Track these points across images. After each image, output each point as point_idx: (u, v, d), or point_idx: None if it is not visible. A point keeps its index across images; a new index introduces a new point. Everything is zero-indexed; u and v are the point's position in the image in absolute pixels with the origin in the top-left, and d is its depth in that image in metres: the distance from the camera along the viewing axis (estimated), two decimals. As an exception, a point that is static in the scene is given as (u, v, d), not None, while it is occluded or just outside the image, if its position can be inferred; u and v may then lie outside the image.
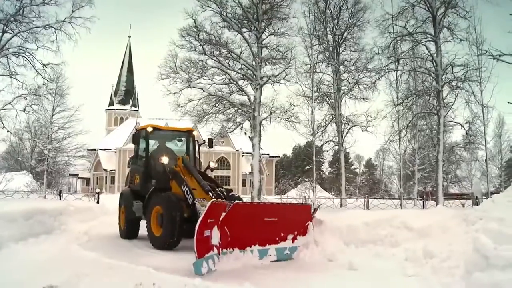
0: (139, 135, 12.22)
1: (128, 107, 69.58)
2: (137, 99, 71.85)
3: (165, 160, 10.66)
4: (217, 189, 10.14)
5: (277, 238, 8.38)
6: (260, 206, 9.34)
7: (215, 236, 7.08)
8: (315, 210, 9.61)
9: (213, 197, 9.09)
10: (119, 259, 7.72)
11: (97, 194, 25.20)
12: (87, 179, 63.29)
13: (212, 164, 11.90)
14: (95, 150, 59.20)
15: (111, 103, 70.03)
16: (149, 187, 11.05)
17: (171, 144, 13.06)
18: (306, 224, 8.94)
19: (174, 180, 10.48)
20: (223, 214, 7.31)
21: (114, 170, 56.90)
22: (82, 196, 32.71)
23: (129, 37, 72.70)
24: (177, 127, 16.39)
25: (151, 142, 12.34)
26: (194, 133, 12.89)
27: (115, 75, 79.46)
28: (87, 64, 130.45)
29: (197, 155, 12.60)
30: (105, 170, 57.73)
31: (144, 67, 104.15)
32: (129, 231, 11.71)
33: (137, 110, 70.04)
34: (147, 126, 12.00)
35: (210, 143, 12.89)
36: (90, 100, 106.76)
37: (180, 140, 13.16)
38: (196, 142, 12.73)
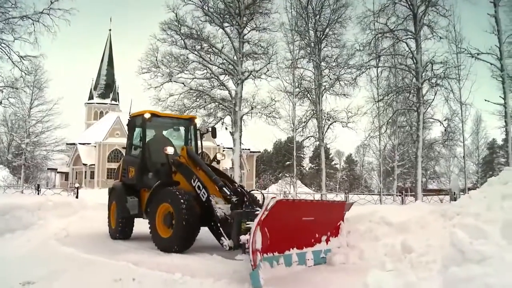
0: (134, 122, 10.86)
1: (108, 101, 69.06)
2: (118, 93, 71.27)
3: (170, 150, 9.48)
4: (234, 185, 8.92)
5: (312, 240, 7.49)
6: (301, 204, 7.93)
7: (258, 239, 6.14)
8: (348, 206, 8.55)
9: (231, 194, 8.27)
10: (98, 254, 7.62)
11: (76, 189, 24.89)
12: (66, 174, 62.53)
13: (219, 156, 10.65)
14: (74, 144, 58.47)
15: (90, 97, 69.44)
16: (147, 181, 9.93)
17: (168, 133, 11.74)
18: (338, 224, 8.17)
19: (180, 173, 9.30)
20: (266, 212, 6.31)
21: (94, 164, 56.37)
22: (60, 191, 32.31)
23: (110, 30, 72.14)
24: (177, 114, 15.55)
25: (146, 130, 10.73)
26: (197, 121, 11.64)
27: (95, 68, 78.79)
28: (66, 57, 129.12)
29: (199, 146, 11.26)
30: (85, 164, 57.10)
31: (124, 60, 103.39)
32: (122, 230, 10.43)
33: (117, 104, 69.46)
34: (144, 112, 10.49)
35: (214, 133, 11.40)
36: (69, 93, 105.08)
37: (177, 130, 11.83)
38: (198, 131, 11.44)
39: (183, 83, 26.01)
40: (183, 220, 8.06)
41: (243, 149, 35.14)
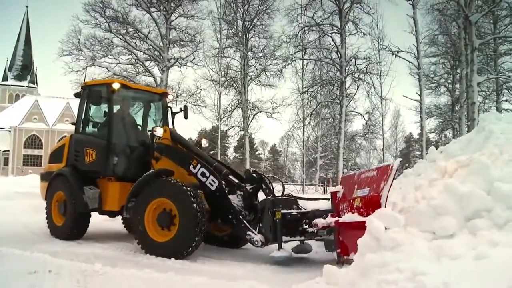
0: (95, 93, 8.71)
1: (25, 83, 65.56)
2: (36, 75, 67.85)
3: (159, 131, 7.88)
4: (248, 170, 7.93)
5: None
6: None
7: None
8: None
9: (246, 185, 7.34)
10: (10, 246, 7.15)
11: (-13, 176, 23.50)
12: (-24, 160, 58.99)
13: (204, 142, 9.32)
14: (-15, 128, 55.24)
15: (5, 78, 65.57)
16: (115, 168, 8.15)
17: (132, 109, 10.05)
18: None
19: (169, 158, 7.82)
20: (391, 178, 5.00)
21: (8, 151, 53.47)
22: (-31, 178, 30.37)
23: (27, 6, 68.36)
24: (148, 87, 13.72)
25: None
26: (170, 97, 10.23)
27: (10, 47, 74.41)
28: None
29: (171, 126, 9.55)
30: (-3, 150, 54.15)
31: (44, 41, 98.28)
32: (75, 229, 8.47)
33: (35, 87, 66.16)
34: (111, 81, 8.72)
35: (186, 112, 9.81)
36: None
37: (132, 104, 10.20)
38: (169, 109, 9.92)
39: (106, 68, 25.28)
40: (195, 222, 6.64)
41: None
